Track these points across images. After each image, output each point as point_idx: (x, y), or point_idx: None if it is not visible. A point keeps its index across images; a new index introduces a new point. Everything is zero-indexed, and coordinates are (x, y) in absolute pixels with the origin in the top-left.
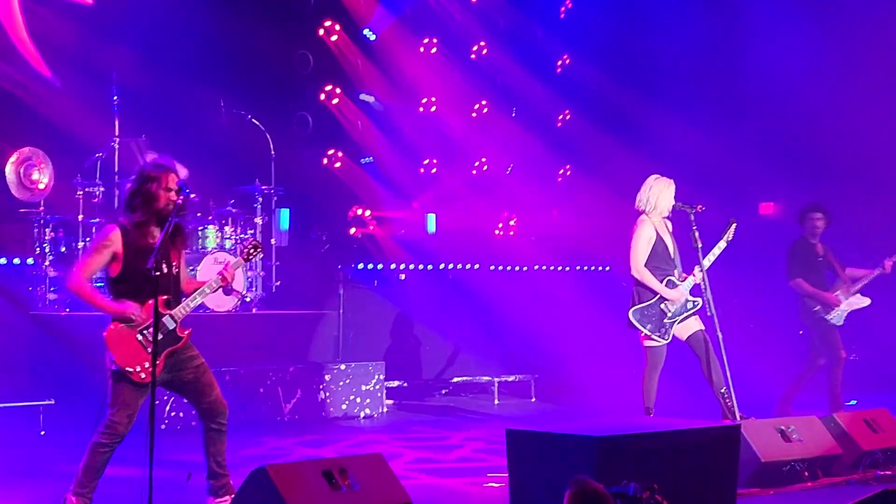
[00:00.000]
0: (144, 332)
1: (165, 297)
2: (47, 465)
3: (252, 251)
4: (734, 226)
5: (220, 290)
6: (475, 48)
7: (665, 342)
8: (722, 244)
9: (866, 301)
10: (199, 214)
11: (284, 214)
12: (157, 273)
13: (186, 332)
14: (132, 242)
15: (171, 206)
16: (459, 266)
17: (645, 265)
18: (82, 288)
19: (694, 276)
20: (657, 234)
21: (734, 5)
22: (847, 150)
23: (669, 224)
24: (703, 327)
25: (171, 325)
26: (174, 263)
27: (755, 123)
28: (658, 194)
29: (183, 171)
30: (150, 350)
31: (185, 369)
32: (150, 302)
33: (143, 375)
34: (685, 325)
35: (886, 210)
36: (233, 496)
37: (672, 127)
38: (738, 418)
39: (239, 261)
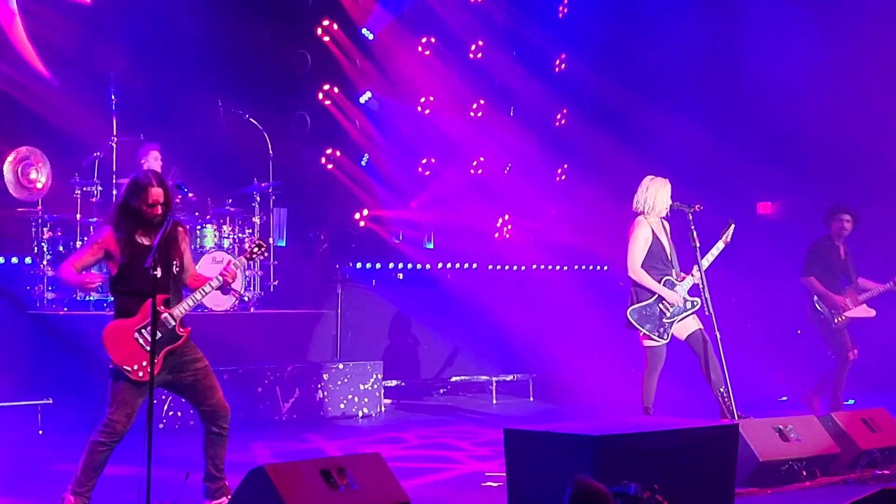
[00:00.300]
0: (143, 330)
1: (165, 296)
2: (45, 465)
3: (255, 250)
4: (732, 227)
5: (219, 288)
6: (473, 47)
7: (664, 342)
8: (720, 245)
9: (871, 312)
10: (196, 214)
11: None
12: (155, 273)
13: (186, 331)
14: (127, 245)
15: (156, 219)
16: (457, 265)
17: (642, 266)
18: (65, 272)
19: (692, 276)
20: (654, 234)
21: (734, 5)
22: (846, 150)
23: (667, 224)
24: (701, 326)
25: (170, 324)
26: (174, 262)
27: (754, 123)
28: (654, 195)
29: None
30: (148, 349)
31: (186, 371)
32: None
33: (141, 374)
34: (684, 325)
35: (886, 210)
36: (229, 497)
37: (670, 126)
38: (737, 417)
39: (241, 260)
